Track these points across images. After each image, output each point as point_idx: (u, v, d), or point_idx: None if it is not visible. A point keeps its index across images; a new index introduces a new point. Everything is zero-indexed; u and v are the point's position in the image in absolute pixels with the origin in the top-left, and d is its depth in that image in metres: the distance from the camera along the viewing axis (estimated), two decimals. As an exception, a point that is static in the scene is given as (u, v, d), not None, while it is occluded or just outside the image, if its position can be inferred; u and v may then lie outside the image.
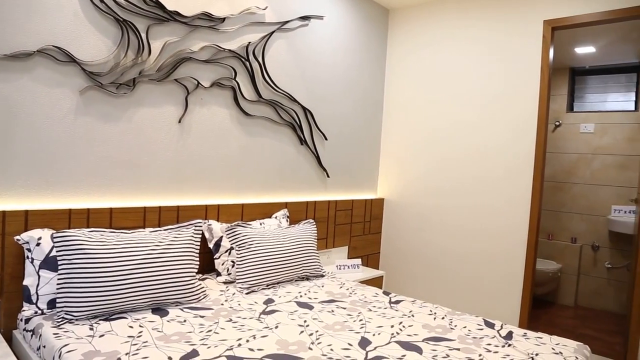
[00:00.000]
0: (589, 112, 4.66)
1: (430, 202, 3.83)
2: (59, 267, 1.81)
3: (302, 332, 1.80)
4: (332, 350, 1.63)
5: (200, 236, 2.25)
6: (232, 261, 2.51)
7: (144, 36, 2.30)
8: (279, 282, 2.52)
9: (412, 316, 2.09)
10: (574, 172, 4.73)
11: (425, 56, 3.86)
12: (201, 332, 1.73)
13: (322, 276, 2.76)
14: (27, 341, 1.77)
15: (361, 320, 1.99)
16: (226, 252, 2.53)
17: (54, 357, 1.51)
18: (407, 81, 3.97)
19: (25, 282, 1.85)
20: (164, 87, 2.42)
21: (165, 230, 2.19)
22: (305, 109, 3.27)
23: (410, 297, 2.76)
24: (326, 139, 3.49)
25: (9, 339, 1.90)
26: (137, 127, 2.33)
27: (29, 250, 1.87)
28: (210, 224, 2.58)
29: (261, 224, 2.78)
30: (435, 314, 2.16)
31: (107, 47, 2.18)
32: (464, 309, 3.62)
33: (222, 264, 2.51)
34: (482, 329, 1.98)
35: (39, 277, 1.86)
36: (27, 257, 1.87)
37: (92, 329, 1.68)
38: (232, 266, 2.50)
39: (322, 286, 2.53)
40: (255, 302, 2.15)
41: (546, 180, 4.90)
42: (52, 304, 1.87)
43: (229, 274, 2.49)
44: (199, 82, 2.57)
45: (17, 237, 1.87)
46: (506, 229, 3.42)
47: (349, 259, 3.71)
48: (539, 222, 3.31)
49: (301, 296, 2.30)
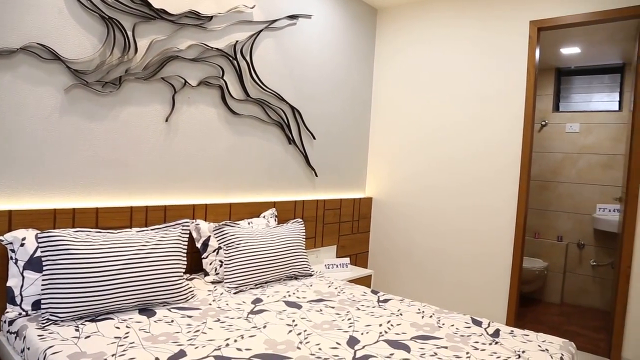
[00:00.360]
0: (575, 112, 4.72)
1: (418, 201, 3.85)
2: (44, 268, 1.78)
3: (290, 331, 1.80)
4: (320, 349, 1.63)
5: (187, 236, 2.24)
6: (220, 261, 2.50)
7: (130, 34, 2.28)
8: (267, 282, 2.51)
9: (400, 315, 2.10)
10: (560, 171, 4.78)
11: (412, 56, 3.87)
12: (189, 332, 1.72)
13: (311, 275, 2.76)
14: (10, 343, 1.74)
15: (349, 319, 2.00)
16: (214, 251, 2.52)
17: (38, 359, 1.49)
18: (395, 81, 3.98)
19: (8, 283, 1.83)
20: (150, 86, 2.40)
21: (152, 230, 2.17)
22: (293, 108, 3.26)
23: (398, 296, 2.77)
24: (314, 138, 3.49)
25: (-7, 341, 1.87)
26: (124, 126, 2.31)
27: (13, 250, 1.84)
28: (197, 224, 2.56)
29: (249, 224, 2.77)
30: (423, 312, 2.17)
31: (93, 45, 2.15)
32: (452, 307, 3.64)
33: (210, 264, 2.50)
34: (469, 327, 1.99)
35: (23, 278, 1.83)
36: (11, 258, 1.84)
37: (77, 330, 1.66)
38: (220, 266, 2.49)
39: (311, 285, 2.53)
40: (243, 302, 2.14)
41: (532, 179, 4.95)
42: (36, 305, 1.85)
43: (217, 274, 2.48)
44: (186, 81, 2.55)
45: (0, 238, 1.84)
46: (493, 228, 3.45)
47: (337, 258, 3.71)
48: (526, 220, 3.35)
49: (289, 295, 2.30)
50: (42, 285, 1.77)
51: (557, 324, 3.88)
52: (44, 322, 1.70)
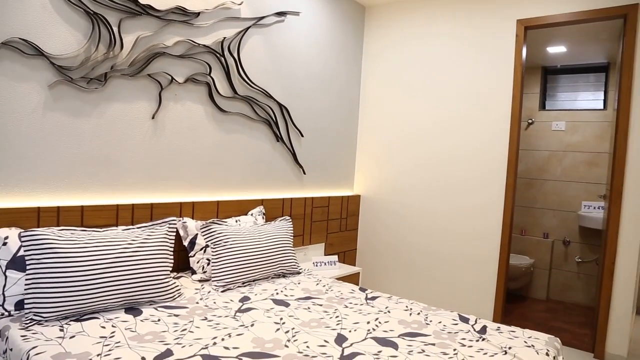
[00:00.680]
0: (560, 110, 4.77)
1: (406, 198, 3.86)
2: (27, 267, 1.75)
3: (278, 329, 1.79)
4: (308, 347, 1.63)
5: (174, 234, 2.22)
6: (208, 259, 2.48)
7: (115, 30, 2.25)
8: (255, 280, 2.51)
9: (388, 312, 2.11)
10: (546, 169, 4.83)
11: (400, 54, 3.88)
12: (175, 331, 1.71)
13: (299, 273, 2.76)
14: (-7, 344, 1.71)
15: (337, 316, 2.00)
16: (201, 250, 2.50)
17: (21, 360, 1.47)
18: (383, 78, 3.98)
19: (-9, 283, 1.79)
20: (136, 82, 2.37)
21: (138, 228, 2.15)
22: (281, 106, 3.25)
23: (386, 293, 2.77)
24: (302, 136, 3.48)
25: (-25, 342, 1.84)
26: (109, 123, 2.28)
27: (-5, 249, 1.81)
28: (185, 222, 2.54)
29: (237, 221, 2.75)
30: (411, 309, 2.17)
31: (77, 41, 2.12)
32: (440, 304, 3.66)
33: (197, 262, 2.48)
34: (457, 324, 2.00)
35: (6, 277, 1.80)
36: (-7, 257, 1.81)
37: (62, 330, 1.63)
38: (208, 264, 2.47)
39: (299, 283, 2.53)
40: (230, 300, 2.13)
41: (519, 177, 4.99)
42: (20, 306, 1.81)
43: (204, 272, 2.46)
44: (172, 78, 2.53)
45: (-18, 237, 1.81)
46: (480, 225, 3.48)
47: (325, 255, 3.71)
48: (512, 218, 3.38)
49: (277, 293, 2.29)
50: (26, 284, 1.74)
51: (543, 320, 3.93)
52: (28, 322, 1.68)
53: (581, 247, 4.61)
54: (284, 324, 1.86)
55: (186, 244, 2.52)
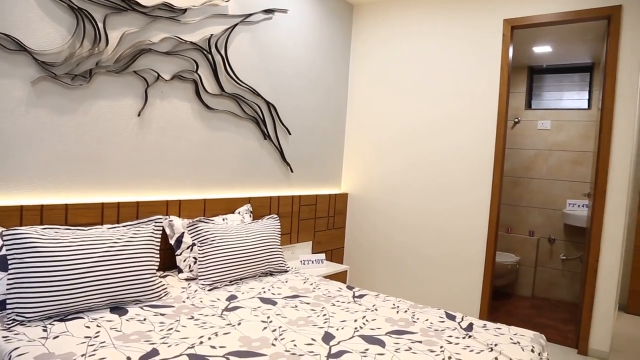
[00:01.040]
0: (546, 109, 4.82)
1: (393, 196, 3.87)
2: (9, 267, 1.72)
3: (265, 328, 1.79)
4: (295, 345, 1.62)
5: (160, 232, 2.20)
6: (194, 257, 2.46)
7: (100, 26, 2.21)
8: (242, 278, 2.49)
9: (376, 310, 2.11)
10: (532, 167, 4.88)
11: (388, 53, 3.89)
12: (161, 330, 1.69)
13: (286, 271, 2.75)
14: (-26, 344, 1.68)
15: (325, 315, 2.00)
16: (188, 248, 2.48)
17: (3, 361, 1.44)
18: (370, 77, 3.99)
19: (-28, 283, 1.76)
20: (122, 79, 2.35)
21: (124, 226, 2.12)
22: (268, 104, 3.24)
23: (373, 291, 2.78)
24: (290, 134, 3.47)
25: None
26: (94, 120, 2.25)
27: (-23, 248, 1.78)
28: (171, 220, 2.52)
29: (224, 220, 2.74)
30: (398, 307, 2.18)
31: (61, 36, 2.08)
32: (427, 302, 3.68)
33: (184, 261, 2.46)
34: (443, 321, 2.01)
35: (-12, 276, 1.77)
36: (-25, 256, 1.77)
37: (45, 331, 1.61)
38: (194, 263, 2.45)
39: (286, 281, 2.52)
40: (217, 299, 2.12)
41: (505, 175, 5.04)
42: (1, 306, 1.78)
43: (191, 271, 2.45)
44: (159, 75, 2.50)
45: (-37, 235, 1.78)
46: (467, 223, 3.50)
47: (313, 254, 3.71)
48: (499, 216, 3.40)
49: (264, 292, 2.29)
50: (8, 284, 1.71)
51: (528, 317, 3.97)
52: (10, 322, 1.65)
53: (566, 244, 4.67)
54: (271, 322, 1.86)
55: (173, 242, 2.50)
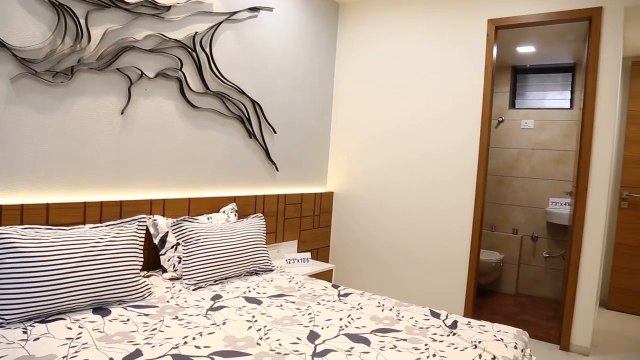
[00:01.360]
0: (530, 109, 4.88)
1: (378, 195, 3.88)
2: (-11, 267, 1.69)
3: (250, 327, 1.78)
4: (280, 345, 1.62)
5: (144, 232, 2.17)
6: (179, 257, 2.44)
7: (82, 22, 2.18)
8: (227, 278, 2.48)
9: (361, 308, 2.12)
10: (516, 166, 4.94)
11: (373, 51, 3.90)
12: (145, 331, 1.68)
13: (271, 271, 2.75)
14: (-48, 347, 1.64)
15: (310, 314, 1.99)
16: (172, 247, 2.46)
17: (-18, 363, 1.42)
18: (356, 76, 4.00)
19: (-50, 284, 1.72)
20: (105, 77, 2.31)
21: (107, 226, 2.10)
22: (254, 102, 3.22)
23: (359, 290, 2.79)
24: (275, 133, 3.46)
25: None
26: (76, 118, 2.22)
27: (-46, 249, 1.74)
28: (155, 219, 2.50)
29: (209, 219, 2.72)
30: (383, 305, 2.19)
31: (42, 33, 2.05)
32: (412, 300, 3.71)
33: (168, 260, 2.44)
34: (428, 319, 2.03)
35: (-34, 277, 1.73)
36: (-48, 257, 1.74)
37: (25, 333, 1.58)
38: (179, 262, 2.43)
39: (271, 281, 2.52)
40: (202, 299, 2.10)
41: (490, 174, 5.09)
42: (-19, 307, 1.75)
43: (175, 270, 2.43)
44: (142, 72, 2.47)
45: (-60, 236, 1.74)
46: (451, 221, 3.53)
47: (298, 252, 3.71)
48: (483, 214, 3.44)
49: (250, 291, 2.28)
50: (-13, 285, 1.68)
51: (511, 314, 4.02)
52: (-11, 324, 1.62)
53: (549, 242, 4.73)
54: (256, 321, 1.85)
55: (157, 242, 2.48)
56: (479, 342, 1.78)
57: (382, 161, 3.87)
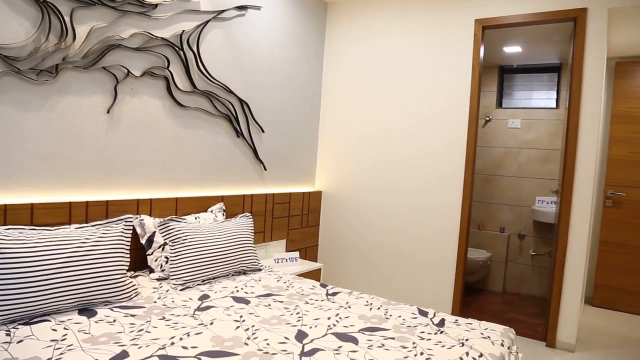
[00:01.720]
0: (516, 108, 4.92)
1: (366, 194, 3.89)
2: (-29, 268, 1.66)
3: (237, 327, 1.77)
4: (268, 344, 1.62)
5: (131, 232, 2.16)
6: (166, 257, 2.43)
7: (67, 20, 2.15)
8: (214, 278, 2.47)
9: (349, 307, 2.12)
10: (503, 165, 4.98)
11: (361, 51, 3.90)
12: (132, 331, 1.66)
13: (260, 270, 2.74)
14: None
15: (298, 313, 1.99)
16: (159, 247, 2.44)
17: (-36, 366, 1.39)
18: (344, 75, 4.00)
19: None
20: (90, 75, 2.29)
21: (92, 226, 2.08)
22: (241, 101, 3.21)
23: (347, 289, 2.79)
24: (263, 132, 3.45)
25: None
26: (61, 117, 2.19)
27: (-64, 250, 1.71)
28: (142, 219, 2.47)
29: (196, 219, 2.70)
30: (371, 304, 2.19)
31: (25, 30, 2.02)
32: (400, 299, 3.72)
33: (156, 260, 2.42)
34: (416, 318, 2.04)
35: (-52, 279, 1.70)
36: None
37: (9, 335, 1.56)
38: (166, 262, 2.42)
39: (259, 280, 2.51)
40: (189, 299, 2.09)
41: (477, 173, 5.12)
42: (-37, 308, 1.72)
43: (163, 271, 2.41)
44: (129, 71, 2.45)
45: None
46: (439, 220, 3.55)
47: (287, 252, 3.70)
48: (470, 213, 3.46)
49: (237, 291, 2.27)
50: (-30, 286, 1.65)
51: (499, 312, 4.05)
52: (-28, 326, 1.59)
53: (535, 240, 4.78)
54: (244, 321, 1.85)
55: (143, 242, 2.46)
56: (466, 340, 1.79)
57: (370, 160, 3.87)
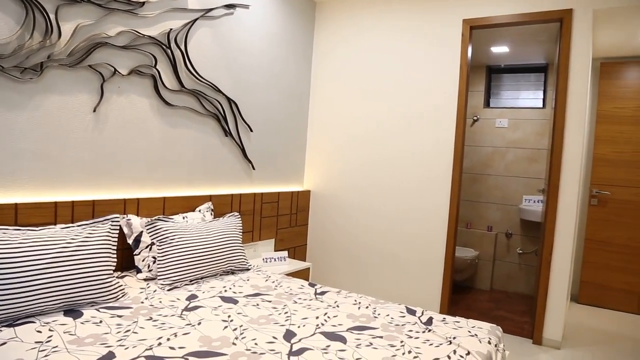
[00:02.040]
0: (504, 108, 4.96)
1: (355, 193, 3.90)
2: (-46, 269, 1.64)
3: (226, 327, 1.77)
4: (256, 344, 1.61)
5: (117, 231, 2.14)
6: (153, 257, 2.41)
7: (52, 17, 2.12)
8: (202, 277, 2.46)
9: (337, 307, 2.12)
10: (490, 164, 5.01)
11: (350, 51, 3.90)
12: (118, 332, 1.65)
13: (248, 270, 2.73)
14: None
15: (286, 312, 1.99)
16: (147, 247, 2.42)
17: (-54, 369, 1.37)
18: (332, 75, 4.00)
19: None
20: (76, 74, 2.26)
21: (78, 226, 2.06)
22: (230, 100, 3.20)
23: (335, 288, 2.79)
24: (252, 131, 3.44)
25: None
26: (46, 116, 2.16)
27: None
28: (129, 219, 2.45)
29: (184, 218, 2.69)
30: (359, 303, 2.20)
31: (9, 27, 1.99)
32: (389, 297, 3.73)
33: (143, 260, 2.40)
34: (404, 316, 2.04)
35: None
36: None
37: (-7, 336, 1.54)
38: (154, 262, 2.40)
39: (248, 280, 2.50)
40: (177, 299, 2.08)
41: (465, 172, 5.16)
42: (-55, 310, 1.69)
43: (150, 271, 2.39)
44: (115, 69, 2.42)
45: None
46: (427, 219, 3.56)
47: (275, 251, 3.69)
48: (458, 212, 3.48)
49: (226, 291, 2.26)
50: (-48, 288, 1.63)
51: (486, 310, 4.09)
52: (-46, 328, 1.57)
53: (522, 239, 4.82)
54: (232, 321, 1.84)
55: (131, 242, 2.43)
56: (454, 337, 1.80)
57: (358, 159, 3.88)
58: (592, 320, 3.93)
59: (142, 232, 2.45)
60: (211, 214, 2.93)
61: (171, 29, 2.70)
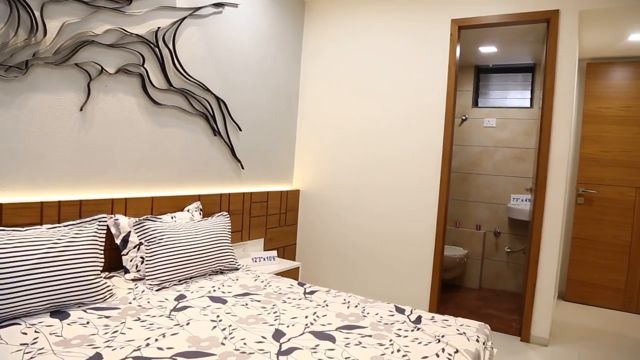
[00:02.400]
0: (492, 107, 4.99)
1: (344, 192, 3.90)
2: (-64, 271, 1.61)
3: (214, 327, 1.76)
4: (245, 344, 1.61)
5: (105, 232, 2.12)
6: (142, 257, 2.39)
7: (37, 14, 2.10)
8: (191, 277, 2.44)
9: (326, 306, 2.12)
10: (478, 163, 5.05)
11: (338, 51, 3.91)
12: (106, 333, 1.63)
13: (237, 269, 2.72)
14: None
15: (275, 312, 1.99)
16: (135, 247, 2.40)
17: None
18: (321, 74, 4.00)
19: None
20: (62, 72, 2.23)
21: (65, 226, 2.03)
22: (218, 99, 3.18)
23: (325, 287, 2.79)
24: (240, 130, 3.43)
25: None
26: (32, 115, 2.13)
27: None
28: (117, 219, 2.43)
29: (172, 218, 2.67)
30: (348, 302, 2.20)
31: (-6, 26, 1.96)
32: (378, 296, 3.74)
33: (131, 261, 2.38)
34: (393, 315, 2.05)
35: None
36: None
37: (-23, 338, 1.52)
38: (142, 262, 2.38)
39: (237, 279, 2.49)
40: (165, 299, 2.07)
41: (453, 171, 5.19)
42: None
43: (138, 271, 2.37)
44: (102, 68, 2.40)
45: None
46: (416, 218, 3.58)
47: (265, 251, 3.69)
48: (447, 211, 3.50)
49: (214, 290, 2.25)
50: None
51: (475, 308, 4.11)
52: (-63, 330, 1.54)
53: (510, 237, 4.87)
54: (220, 321, 1.83)
55: (118, 242, 2.41)
56: (442, 336, 1.81)
57: (347, 159, 3.88)
58: (579, 317, 3.97)
59: (130, 232, 2.43)
60: (200, 214, 2.91)
61: (159, 28, 2.68)
